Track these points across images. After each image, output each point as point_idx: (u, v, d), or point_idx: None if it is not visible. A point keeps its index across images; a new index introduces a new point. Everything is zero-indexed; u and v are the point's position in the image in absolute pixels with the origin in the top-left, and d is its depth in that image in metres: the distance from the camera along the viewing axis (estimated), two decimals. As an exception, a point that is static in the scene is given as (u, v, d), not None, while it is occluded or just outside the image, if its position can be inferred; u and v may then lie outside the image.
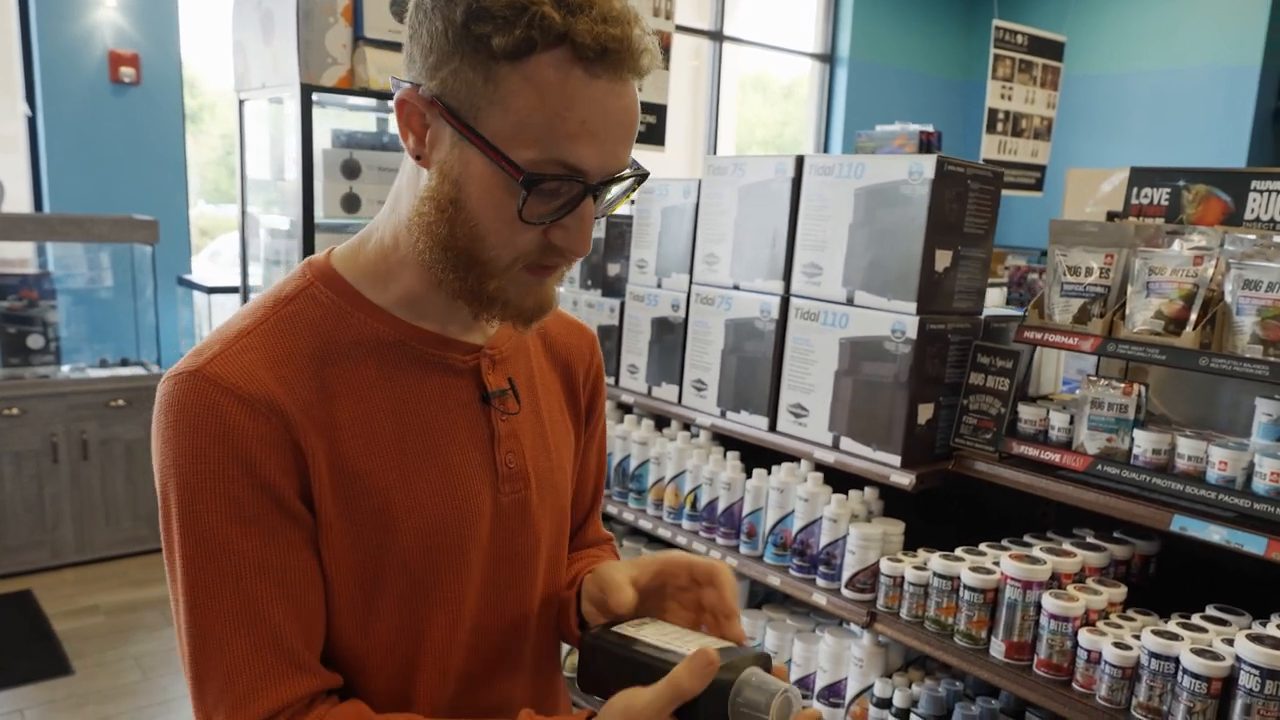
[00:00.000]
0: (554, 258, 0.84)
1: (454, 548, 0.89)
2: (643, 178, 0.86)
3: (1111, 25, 6.55)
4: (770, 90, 8.17)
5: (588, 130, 0.77)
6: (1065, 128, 6.12)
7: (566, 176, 0.78)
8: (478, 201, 0.80)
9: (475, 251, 0.82)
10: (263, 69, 2.94)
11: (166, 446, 0.80)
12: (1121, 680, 1.52)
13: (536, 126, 0.76)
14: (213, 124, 6.38)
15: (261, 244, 3.26)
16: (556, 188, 0.79)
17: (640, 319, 2.49)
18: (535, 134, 0.76)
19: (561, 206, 0.80)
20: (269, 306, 0.88)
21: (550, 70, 0.75)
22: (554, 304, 0.90)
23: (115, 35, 4.57)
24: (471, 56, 0.76)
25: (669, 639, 0.85)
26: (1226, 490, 1.55)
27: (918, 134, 3.84)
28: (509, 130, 0.77)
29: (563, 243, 0.82)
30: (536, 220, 0.80)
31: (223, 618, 0.79)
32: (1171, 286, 1.69)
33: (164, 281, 4.64)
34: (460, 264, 0.82)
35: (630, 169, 0.83)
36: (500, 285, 0.84)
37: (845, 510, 1.95)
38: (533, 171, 0.77)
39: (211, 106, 6.33)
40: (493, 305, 0.85)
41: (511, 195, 0.78)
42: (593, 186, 0.80)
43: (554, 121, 0.76)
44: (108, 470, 4.16)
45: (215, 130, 6.41)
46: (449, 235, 0.81)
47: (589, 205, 0.81)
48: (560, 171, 0.78)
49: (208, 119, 6.38)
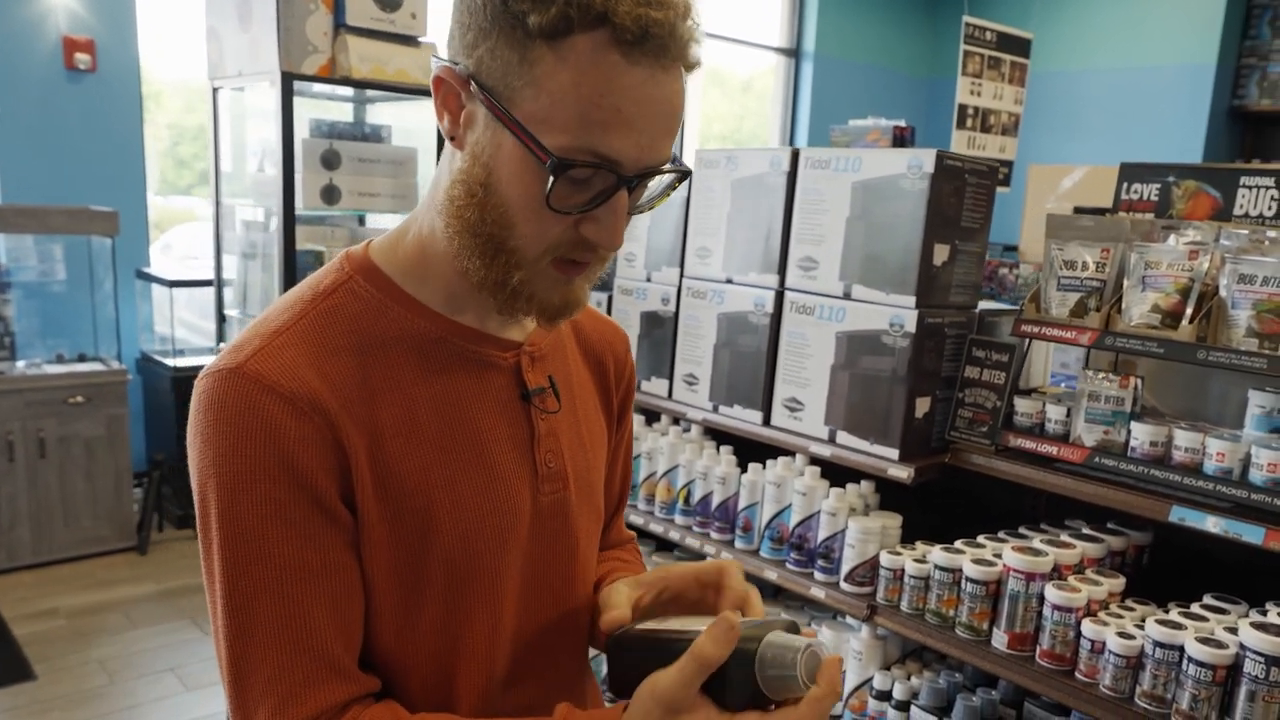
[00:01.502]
0: (584, 253, 0.82)
1: (495, 548, 0.87)
2: (685, 175, 0.83)
3: (1072, 24, 6.67)
4: (728, 84, 8.17)
5: (623, 119, 0.74)
6: (1027, 124, 6.23)
7: (598, 165, 0.75)
8: (508, 186, 0.78)
9: (503, 239, 0.79)
10: (239, 57, 2.86)
11: (207, 446, 0.77)
12: (1125, 669, 1.54)
13: (569, 111, 0.73)
14: (159, 113, 6.21)
15: (237, 237, 3.18)
16: (588, 177, 0.76)
17: (629, 313, 2.47)
18: (568, 119, 0.74)
19: (593, 198, 0.77)
20: (308, 301, 0.85)
21: (587, 52, 0.72)
22: (583, 304, 0.87)
23: (70, 21, 4.42)
24: (508, 34, 0.74)
25: (690, 622, 0.85)
26: (1224, 481, 1.58)
27: (891, 129, 3.87)
28: (542, 114, 0.74)
29: (593, 236, 0.79)
30: (565, 210, 0.77)
31: (263, 621, 0.77)
32: (1167, 281, 1.72)
33: (122, 275, 4.51)
34: (487, 251, 0.80)
35: (671, 165, 0.80)
36: (527, 278, 0.81)
37: (844, 504, 1.95)
38: (562, 158, 0.74)
39: (157, 95, 6.16)
40: (517, 299, 0.82)
41: (541, 181, 0.76)
42: (627, 179, 0.77)
43: (588, 107, 0.73)
44: (66, 469, 4.03)
45: (162, 120, 6.24)
46: (478, 220, 0.79)
47: (622, 198, 0.78)
48: (591, 160, 0.75)
49: (154, 108, 6.20)
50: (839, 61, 7.21)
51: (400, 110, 3.59)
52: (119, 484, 4.18)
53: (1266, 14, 6.03)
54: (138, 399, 4.69)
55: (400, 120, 3.37)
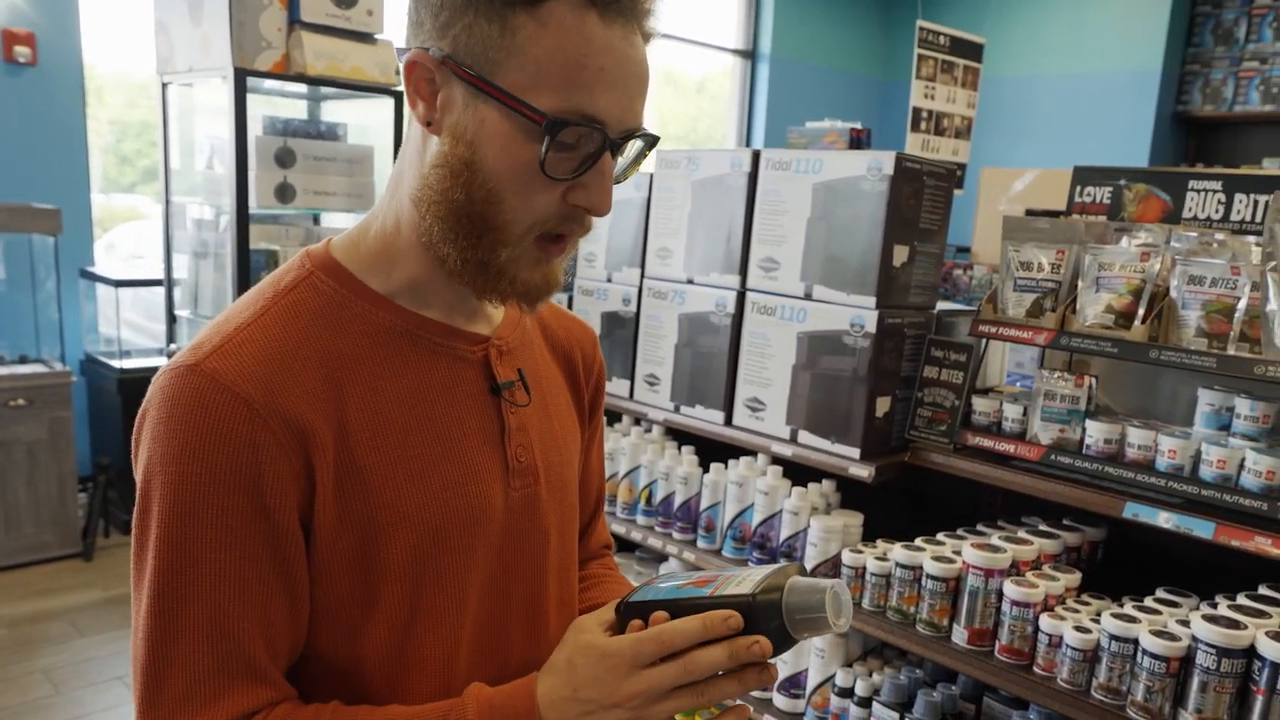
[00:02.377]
0: (570, 224, 0.82)
1: (464, 543, 0.86)
2: (654, 141, 0.85)
3: (1021, 29, 6.79)
4: (682, 85, 8.19)
5: (606, 78, 0.76)
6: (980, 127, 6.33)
7: (588, 125, 0.76)
8: (494, 161, 0.78)
9: (491, 216, 0.79)
10: (190, 52, 2.79)
11: (155, 443, 0.76)
12: (1082, 663, 1.57)
13: (556, 73, 0.75)
14: (101, 109, 6.06)
15: (188, 236, 3.10)
16: (576, 141, 0.78)
17: (590, 313, 2.46)
18: (555, 81, 0.75)
19: (582, 163, 0.79)
20: (269, 298, 0.84)
21: (567, 14, 0.75)
22: (559, 284, 0.88)
23: (8, 13, 4.28)
24: (486, 8, 0.75)
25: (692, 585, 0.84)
26: (1175, 478, 1.61)
27: (848, 131, 3.91)
28: (528, 80, 0.76)
29: (584, 202, 0.80)
30: (558, 176, 0.78)
31: (191, 625, 0.75)
32: (1120, 282, 1.76)
33: (66, 274, 4.38)
34: (473, 232, 0.80)
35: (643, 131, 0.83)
36: (512, 256, 0.81)
37: (806, 503, 1.96)
38: (556, 118, 0.75)
39: (99, 90, 6.00)
40: (500, 279, 0.82)
41: (532, 148, 0.77)
42: (613, 140, 0.79)
43: (573, 68, 0.75)
44: (8, 474, 3.91)
45: (104, 116, 6.09)
46: (465, 200, 0.79)
47: (608, 161, 0.80)
48: (581, 120, 0.76)
49: (96, 104, 6.05)
50: (795, 63, 7.27)
51: (356, 108, 3.54)
52: (63, 489, 4.07)
53: (1209, 23, 6.20)
54: (82, 402, 4.56)
55: (356, 118, 3.32)
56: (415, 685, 0.86)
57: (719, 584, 0.82)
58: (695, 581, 0.84)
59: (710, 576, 0.84)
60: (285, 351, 0.80)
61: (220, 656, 0.76)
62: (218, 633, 0.76)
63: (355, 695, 0.85)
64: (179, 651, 0.75)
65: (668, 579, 0.88)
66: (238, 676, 0.76)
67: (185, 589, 0.75)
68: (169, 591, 0.75)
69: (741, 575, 0.82)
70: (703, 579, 0.84)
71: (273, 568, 0.78)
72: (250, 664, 0.77)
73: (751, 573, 0.82)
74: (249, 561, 0.77)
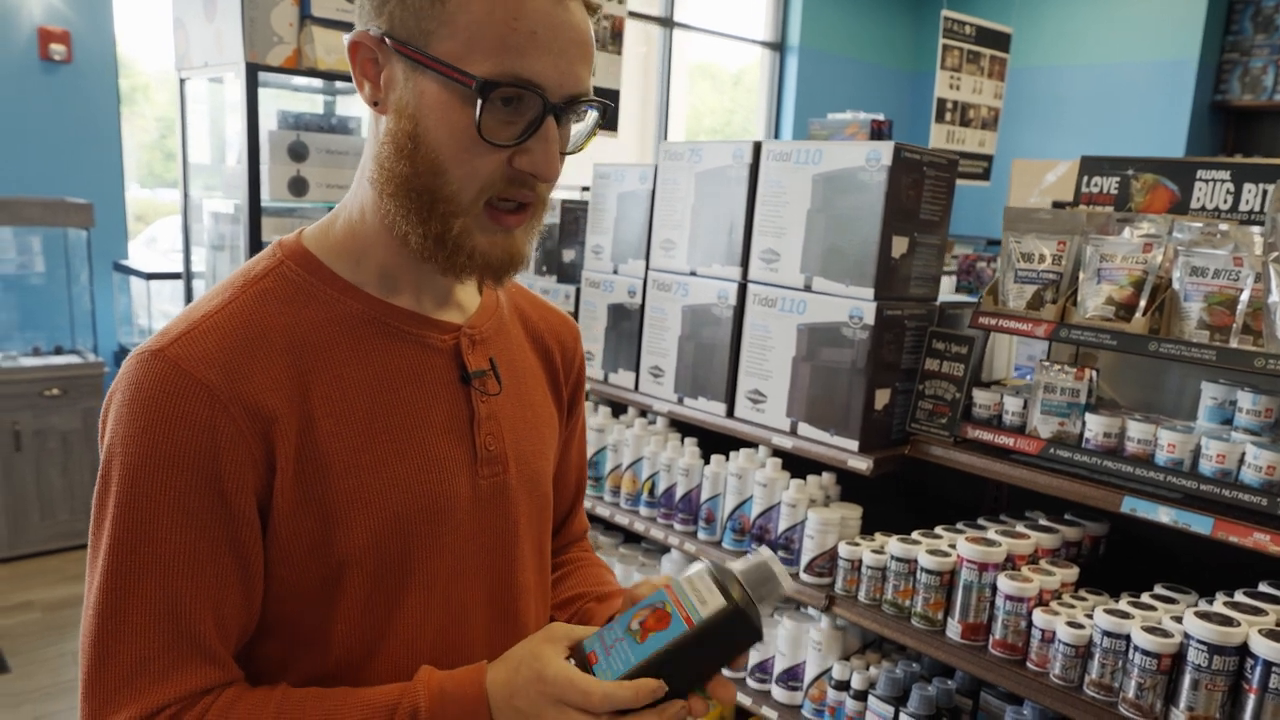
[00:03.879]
0: (520, 190, 0.82)
1: (427, 530, 0.87)
2: (606, 109, 0.86)
3: (1054, 19, 6.67)
4: (719, 78, 8.17)
5: (539, 42, 0.77)
6: (1010, 119, 6.23)
7: (521, 86, 0.77)
8: (435, 130, 0.79)
9: (437, 187, 0.80)
10: (205, 47, 2.84)
11: (118, 425, 0.78)
12: (1075, 658, 1.55)
13: (487, 39, 0.76)
14: (147, 106, 6.18)
15: (205, 229, 3.17)
16: (515, 105, 0.79)
17: (596, 305, 2.47)
18: (487, 47, 0.76)
19: (524, 130, 0.79)
20: (239, 286, 0.86)
21: None
22: (524, 257, 0.87)
23: (45, 11, 4.39)
24: None
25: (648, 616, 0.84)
26: (1174, 472, 1.58)
27: (869, 122, 3.87)
28: (460, 49, 0.77)
29: (528, 166, 0.81)
30: (498, 142, 0.79)
31: (141, 603, 0.76)
32: (1122, 273, 1.73)
33: (100, 267, 4.49)
34: (424, 205, 0.81)
35: (595, 98, 0.83)
36: (465, 227, 0.82)
37: (803, 495, 1.96)
38: (487, 79, 0.76)
39: (145, 88, 6.13)
40: (459, 252, 0.83)
41: (468, 115, 0.78)
42: (554, 105, 0.79)
43: (503, 31, 0.76)
44: (42, 462, 4.02)
45: (150, 112, 6.21)
46: (411, 174, 0.80)
47: (551, 125, 0.80)
48: (514, 82, 0.77)
49: (142, 100, 6.17)
50: (824, 55, 7.21)
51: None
52: (95, 477, 4.16)
53: (1249, 9, 6.05)
54: (115, 392, 4.67)
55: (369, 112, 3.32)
56: (377, 666, 0.87)
57: (672, 609, 0.82)
58: (650, 617, 0.84)
59: (658, 607, 0.84)
60: (250, 338, 0.81)
61: (170, 635, 0.77)
62: (168, 612, 0.77)
63: (316, 675, 0.86)
64: (128, 628, 0.76)
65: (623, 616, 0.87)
66: (187, 656, 0.77)
67: (139, 567, 0.76)
68: (122, 569, 0.76)
69: (686, 593, 0.83)
70: (654, 614, 0.83)
71: (227, 550, 0.79)
72: (200, 644, 0.78)
73: (695, 585, 0.82)
74: (203, 543, 0.78)
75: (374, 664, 0.87)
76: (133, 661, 0.76)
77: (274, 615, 0.85)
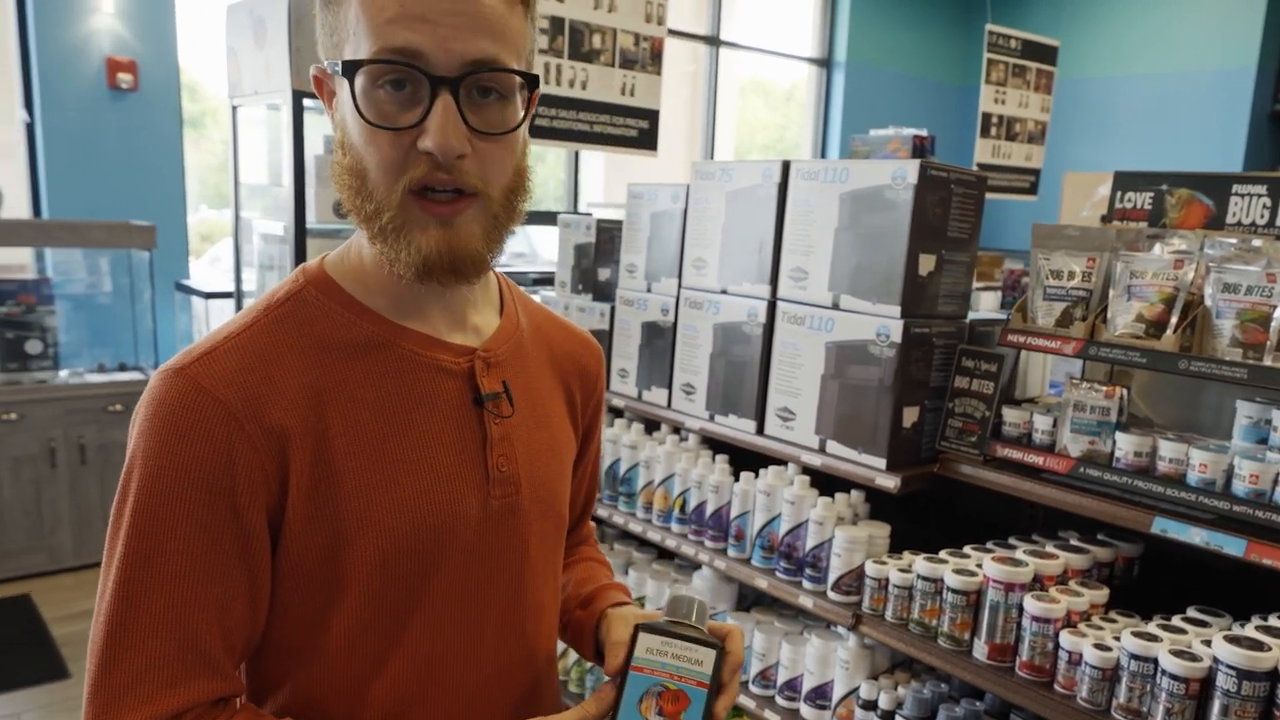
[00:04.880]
0: (433, 172, 0.81)
1: (436, 549, 0.89)
2: (532, 80, 0.85)
3: (1106, 29, 6.56)
4: (771, 94, 8.19)
5: (408, 13, 0.77)
6: (1061, 132, 6.13)
7: (389, 61, 0.78)
8: (351, 129, 0.82)
9: (363, 186, 0.83)
10: (255, 75, 2.96)
11: (139, 438, 0.81)
12: (1102, 681, 1.53)
13: (365, 27, 0.79)
14: (215, 129, 6.41)
15: (255, 249, 3.28)
16: (407, 87, 0.79)
17: (630, 323, 2.50)
18: (365, 33, 0.79)
19: (424, 110, 0.79)
20: (261, 310, 0.89)
21: None
22: (470, 252, 0.85)
23: (113, 42, 4.59)
24: (324, 5, 0.83)
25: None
26: (1206, 492, 1.56)
27: (911, 138, 3.85)
28: (353, 47, 0.80)
29: (425, 144, 0.79)
30: (391, 125, 0.79)
31: (151, 611, 0.79)
32: (1152, 290, 1.70)
33: (162, 286, 4.66)
34: (362, 207, 0.83)
35: (509, 70, 0.81)
36: (396, 219, 0.82)
37: (831, 513, 1.96)
38: (352, 60, 0.79)
39: (214, 112, 6.36)
40: (400, 247, 0.82)
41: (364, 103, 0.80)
42: (440, 78, 0.78)
43: (373, 14, 0.79)
44: (105, 475, 4.17)
45: (218, 136, 6.43)
46: (346, 179, 0.84)
47: (445, 99, 0.79)
48: (389, 57, 0.77)
49: (210, 124, 6.41)
50: (871, 70, 7.18)
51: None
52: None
53: (1311, 16, 5.88)
54: (176, 407, 4.82)
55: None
56: (384, 682, 0.89)
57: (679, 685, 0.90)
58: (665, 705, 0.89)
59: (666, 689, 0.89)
60: (269, 360, 0.84)
61: (177, 645, 0.79)
62: (176, 622, 0.79)
63: (323, 690, 0.88)
64: (135, 636, 0.78)
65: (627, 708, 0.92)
66: (190, 666, 0.80)
67: (150, 577, 0.79)
68: (134, 578, 0.79)
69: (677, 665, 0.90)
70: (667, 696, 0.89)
71: (237, 563, 0.82)
72: (204, 654, 0.81)
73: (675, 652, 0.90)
74: (214, 555, 0.81)
75: (380, 679, 0.89)
76: (137, 669, 0.78)
77: (281, 630, 0.88)
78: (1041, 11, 6.67)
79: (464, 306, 0.95)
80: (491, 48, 0.80)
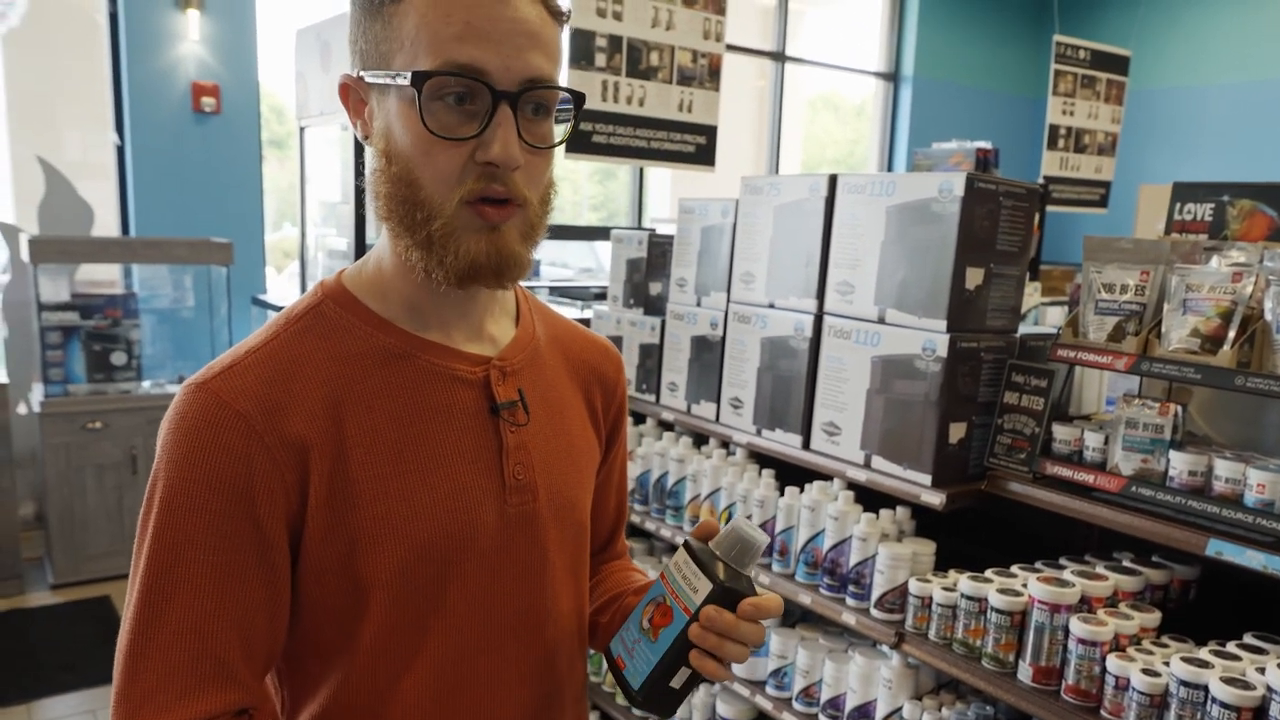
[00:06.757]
0: (491, 184, 0.84)
1: (454, 557, 0.91)
2: (579, 98, 0.88)
3: (1183, 38, 6.36)
4: (841, 109, 8.14)
5: (474, 30, 0.80)
6: (1137, 143, 5.96)
7: (460, 74, 0.80)
8: (401, 140, 0.84)
9: (413, 196, 0.84)
10: (321, 97, 3.07)
11: (163, 450, 0.84)
12: (1150, 708, 1.48)
13: (426, 40, 0.81)
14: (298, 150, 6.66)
15: (320, 265, 3.39)
16: (468, 99, 0.82)
17: (680, 337, 2.52)
18: (426, 47, 0.81)
19: (483, 122, 0.82)
20: (280, 324, 0.92)
21: None
22: (516, 257, 0.88)
23: (198, 67, 4.81)
24: (371, 16, 0.84)
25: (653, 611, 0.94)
26: (1265, 514, 1.50)
27: (974, 151, 3.79)
28: (409, 58, 0.82)
29: (486, 156, 0.82)
30: (453, 136, 0.82)
31: (173, 619, 0.81)
32: (1209, 304, 1.65)
33: (239, 300, 4.84)
34: (408, 217, 0.85)
35: (559, 87, 0.86)
36: (447, 226, 0.84)
37: (875, 529, 1.93)
38: (420, 71, 0.81)
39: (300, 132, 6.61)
40: (445, 252, 0.84)
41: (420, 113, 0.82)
42: (502, 91, 0.81)
43: (438, 29, 0.80)
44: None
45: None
46: (392, 189, 0.85)
47: (505, 112, 0.82)
48: (454, 70, 0.80)
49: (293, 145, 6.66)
50: (938, 83, 7.09)
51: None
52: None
53: None
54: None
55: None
56: (405, 689, 0.91)
57: (671, 602, 0.90)
58: (655, 613, 0.91)
59: (660, 602, 0.91)
60: (288, 373, 0.87)
61: (194, 654, 0.80)
62: (195, 631, 0.81)
63: (344, 698, 0.91)
64: (157, 645, 0.80)
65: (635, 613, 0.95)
66: (209, 675, 0.81)
67: (171, 586, 0.81)
68: (156, 587, 0.81)
69: (678, 583, 0.89)
70: (659, 609, 0.91)
71: (256, 574, 0.84)
72: (223, 664, 0.82)
73: (683, 572, 0.90)
74: (235, 566, 0.82)
75: (402, 686, 0.91)
76: (158, 677, 0.80)
77: (303, 639, 0.90)
78: (1113, 22, 6.50)
79: (481, 317, 0.97)
80: (546, 65, 0.85)
